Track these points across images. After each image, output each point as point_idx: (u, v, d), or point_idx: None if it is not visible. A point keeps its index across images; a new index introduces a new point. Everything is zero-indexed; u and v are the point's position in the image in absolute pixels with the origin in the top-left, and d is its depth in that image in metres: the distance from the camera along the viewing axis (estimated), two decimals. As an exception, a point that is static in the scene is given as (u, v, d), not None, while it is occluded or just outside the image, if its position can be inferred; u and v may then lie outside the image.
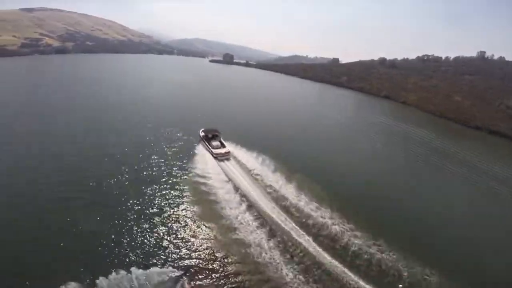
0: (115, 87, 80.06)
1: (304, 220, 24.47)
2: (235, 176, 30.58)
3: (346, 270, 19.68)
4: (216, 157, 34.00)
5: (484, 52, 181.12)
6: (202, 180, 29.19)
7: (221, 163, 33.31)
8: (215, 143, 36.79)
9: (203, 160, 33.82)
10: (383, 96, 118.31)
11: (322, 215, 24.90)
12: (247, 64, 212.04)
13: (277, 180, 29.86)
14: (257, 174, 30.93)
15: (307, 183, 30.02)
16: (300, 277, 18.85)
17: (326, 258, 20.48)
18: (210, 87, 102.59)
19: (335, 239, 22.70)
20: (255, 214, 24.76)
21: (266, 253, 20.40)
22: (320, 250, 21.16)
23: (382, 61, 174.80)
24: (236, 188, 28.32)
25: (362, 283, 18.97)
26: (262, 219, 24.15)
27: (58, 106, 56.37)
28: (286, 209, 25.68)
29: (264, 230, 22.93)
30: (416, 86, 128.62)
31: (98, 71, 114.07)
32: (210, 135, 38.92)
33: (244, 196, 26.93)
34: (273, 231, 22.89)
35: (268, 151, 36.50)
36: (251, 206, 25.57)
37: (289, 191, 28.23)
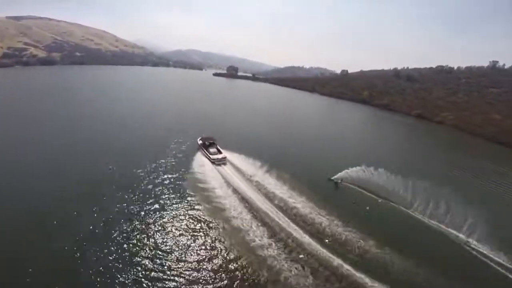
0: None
1: (283, 206, 28.26)
2: (230, 177, 33.53)
3: (328, 252, 22.13)
4: (214, 161, 36.96)
5: (497, 62, 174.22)
6: (202, 180, 32.15)
7: (218, 167, 36.11)
8: (213, 149, 39.53)
9: (202, 165, 36.64)
10: (415, 115, 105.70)
11: (296, 200, 29.43)
12: (254, 78, 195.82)
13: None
14: (251, 176, 34.19)
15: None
16: (289, 263, 20.77)
17: (305, 237, 23.73)
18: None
19: (311, 222, 25.96)
20: (246, 205, 27.79)
21: (255, 236, 23.22)
22: (300, 231, 24.46)
23: (397, 72, 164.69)
24: (232, 188, 31.07)
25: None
26: (253, 211, 27.05)
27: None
28: (278, 205, 28.42)
29: (251, 216, 26.11)
30: (446, 102, 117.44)
31: (76, 91, 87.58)
32: (207, 143, 41.53)
33: (238, 193, 29.95)
34: (262, 218, 25.93)
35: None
36: (245, 200, 28.73)
37: (280, 190, 31.32)
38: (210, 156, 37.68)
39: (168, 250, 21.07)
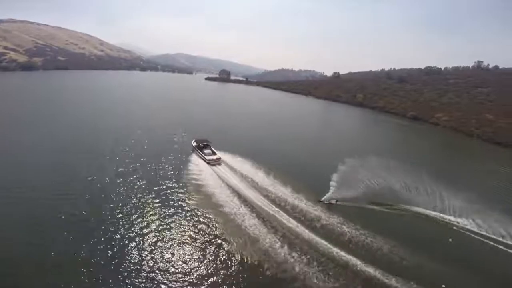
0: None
1: (276, 200, 30.07)
2: (226, 176, 34.70)
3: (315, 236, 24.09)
4: (209, 162, 37.76)
5: (481, 62, 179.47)
6: (198, 179, 33.37)
7: (214, 167, 37.05)
8: (207, 151, 40.26)
9: (198, 165, 37.75)
10: (410, 117, 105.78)
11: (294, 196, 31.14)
12: (247, 82, 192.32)
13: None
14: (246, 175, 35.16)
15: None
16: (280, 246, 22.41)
17: (292, 222, 26.09)
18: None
19: (303, 213, 28.02)
20: (241, 199, 29.62)
21: (245, 223, 25.23)
22: (284, 215, 27.19)
23: (388, 74, 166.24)
24: (228, 186, 32.42)
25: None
26: (247, 203, 28.88)
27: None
28: (268, 197, 30.59)
29: (247, 210, 27.72)
30: (440, 104, 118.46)
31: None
32: (201, 145, 42.11)
33: (233, 190, 31.43)
34: (255, 210, 27.69)
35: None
36: (239, 195, 30.43)
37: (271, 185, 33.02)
38: (205, 157, 38.59)
39: (172, 243, 22.21)
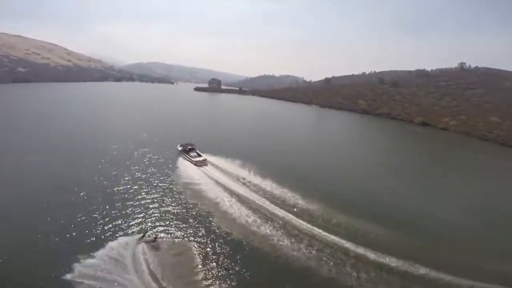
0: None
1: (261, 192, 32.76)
2: (213, 175, 37.12)
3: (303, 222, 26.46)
4: (196, 164, 39.52)
5: (464, 63, 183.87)
6: (187, 178, 35.30)
7: (201, 168, 39.03)
8: (193, 153, 42.10)
9: (186, 167, 39.25)
10: (418, 123, 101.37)
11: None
12: (240, 91, 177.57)
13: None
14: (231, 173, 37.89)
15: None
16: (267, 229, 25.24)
17: (276, 209, 28.70)
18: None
19: (282, 199, 31.10)
20: (226, 191, 32.03)
21: (237, 213, 27.43)
22: (271, 204, 29.55)
23: (380, 78, 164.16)
24: (214, 181, 34.83)
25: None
26: (232, 194, 31.54)
27: None
28: (254, 189, 33.38)
29: (233, 199, 30.18)
30: (439, 107, 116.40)
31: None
32: (187, 148, 43.57)
33: (220, 185, 33.81)
34: (241, 199, 30.35)
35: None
36: (225, 188, 32.99)
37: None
38: (192, 159, 40.27)
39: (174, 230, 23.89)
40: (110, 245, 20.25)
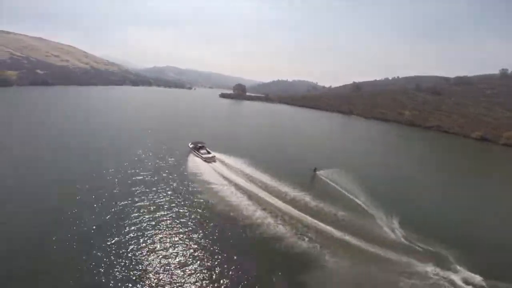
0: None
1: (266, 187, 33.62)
2: (221, 170, 38.68)
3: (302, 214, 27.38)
4: (205, 160, 41.49)
5: (506, 70, 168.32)
6: (196, 173, 36.85)
7: (210, 164, 40.79)
8: (203, 151, 44.07)
9: (195, 162, 41.18)
10: (476, 138, 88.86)
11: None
12: (267, 99, 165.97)
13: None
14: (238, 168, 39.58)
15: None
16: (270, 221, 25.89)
17: (276, 200, 30.12)
18: None
19: (291, 196, 31.38)
20: (235, 185, 33.24)
21: (245, 208, 28.24)
22: (274, 198, 30.64)
23: (418, 86, 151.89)
24: (222, 176, 36.30)
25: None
26: (240, 189, 32.55)
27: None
28: (258, 184, 34.29)
29: (241, 193, 31.28)
30: (494, 120, 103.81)
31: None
32: (197, 146, 45.48)
33: (227, 179, 35.27)
34: (250, 195, 30.92)
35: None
36: (232, 182, 34.41)
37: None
38: (202, 155, 42.32)
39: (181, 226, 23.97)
40: None
